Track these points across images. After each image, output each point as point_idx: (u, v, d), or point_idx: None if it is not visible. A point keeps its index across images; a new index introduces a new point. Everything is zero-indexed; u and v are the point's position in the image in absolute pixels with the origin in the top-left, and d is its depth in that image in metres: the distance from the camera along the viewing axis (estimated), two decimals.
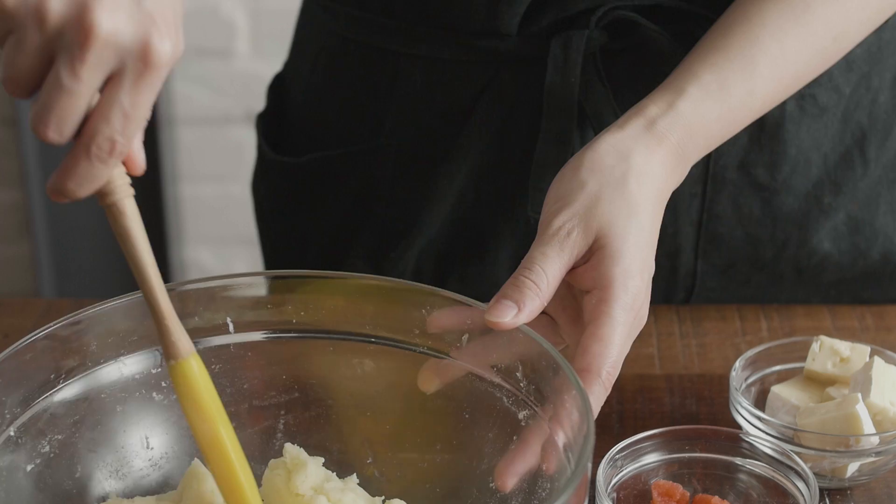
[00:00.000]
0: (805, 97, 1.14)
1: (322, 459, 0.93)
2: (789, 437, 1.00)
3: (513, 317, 0.90)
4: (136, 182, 0.87)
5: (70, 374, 0.93)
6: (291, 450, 0.92)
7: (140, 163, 0.81)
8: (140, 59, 0.76)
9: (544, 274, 0.91)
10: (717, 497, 0.96)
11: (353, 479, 0.94)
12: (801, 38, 1.02)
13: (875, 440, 0.99)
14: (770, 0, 1.01)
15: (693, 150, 0.99)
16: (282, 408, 0.98)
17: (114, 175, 0.80)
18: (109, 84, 0.76)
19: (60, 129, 0.76)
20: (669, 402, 1.10)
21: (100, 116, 0.76)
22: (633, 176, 0.94)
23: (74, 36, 0.74)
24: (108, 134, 0.76)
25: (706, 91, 0.99)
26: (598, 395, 0.88)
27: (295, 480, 0.90)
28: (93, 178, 0.78)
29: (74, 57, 0.74)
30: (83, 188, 0.78)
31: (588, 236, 0.92)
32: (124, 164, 0.80)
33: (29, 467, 0.90)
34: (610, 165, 0.95)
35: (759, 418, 1.01)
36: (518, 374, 0.92)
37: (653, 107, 0.98)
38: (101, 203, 0.81)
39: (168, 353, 0.84)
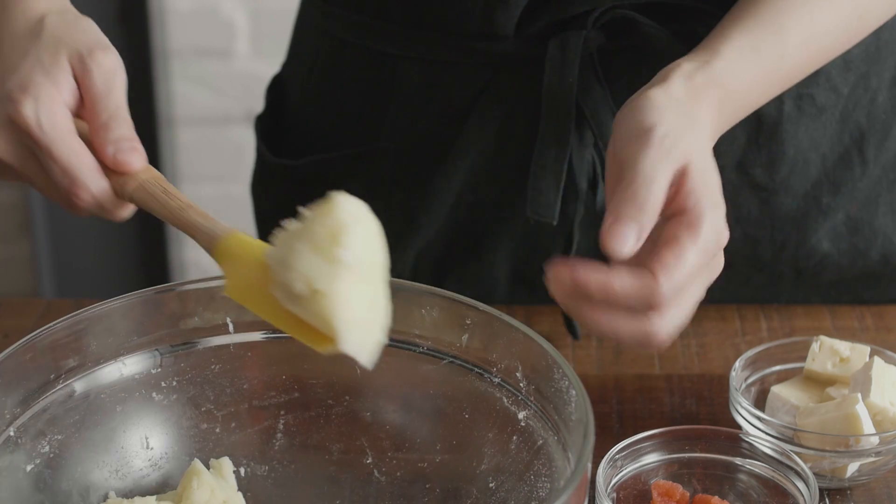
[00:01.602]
0: (803, 97, 1.14)
1: None
2: (789, 437, 1.00)
3: (630, 248, 0.86)
4: None
5: (70, 374, 0.93)
6: None
7: (127, 165, 0.93)
8: (24, 134, 0.91)
9: (660, 194, 0.88)
10: (717, 497, 0.96)
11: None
12: (829, 10, 1.02)
13: (875, 440, 0.99)
14: None
15: (729, 111, 0.97)
16: (282, 408, 0.98)
17: (116, 183, 0.92)
18: None
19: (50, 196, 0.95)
20: (669, 402, 1.10)
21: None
22: (698, 118, 0.93)
23: None
24: (65, 194, 0.92)
25: (740, 52, 0.98)
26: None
27: None
28: (100, 207, 0.93)
29: None
30: (100, 212, 0.94)
31: (681, 159, 0.90)
32: (118, 172, 0.93)
33: (29, 467, 0.90)
34: (677, 104, 0.93)
35: (759, 418, 1.01)
36: (518, 374, 0.92)
37: (687, 64, 0.96)
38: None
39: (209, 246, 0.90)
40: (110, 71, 0.94)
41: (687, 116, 0.92)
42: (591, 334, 0.86)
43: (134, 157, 0.93)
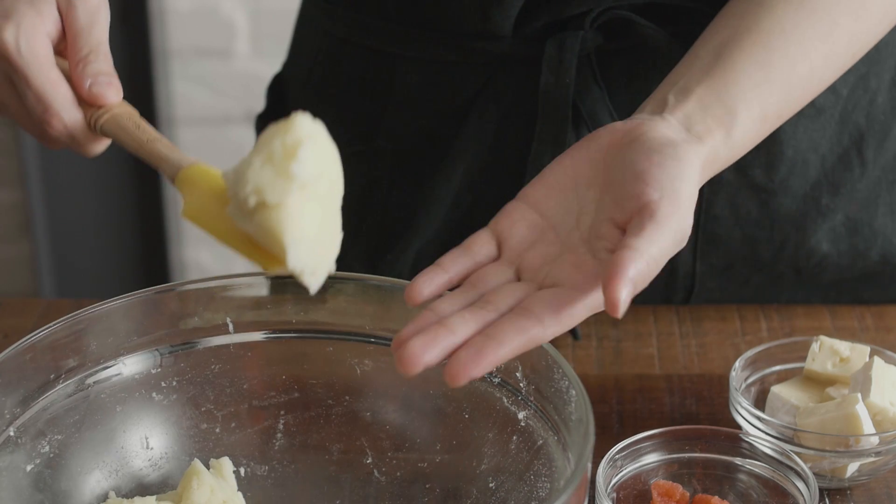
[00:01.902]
0: None
1: None
2: (789, 437, 1.00)
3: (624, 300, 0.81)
4: (138, 182, 0.89)
5: (70, 374, 0.93)
6: None
7: (102, 98, 0.94)
8: (3, 59, 0.93)
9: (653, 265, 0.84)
10: (717, 497, 0.96)
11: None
12: (828, 58, 0.98)
13: (875, 440, 0.99)
14: (802, 11, 0.97)
15: (716, 172, 0.95)
16: (282, 408, 0.98)
17: (91, 117, 0.94)
18: None
19: (24, 126, 0.97)
20: (669, 402, 1.10)
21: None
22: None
23: None
24: (38, 121, 0.94)
25: (752, 118, 0.94)
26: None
27: None
28: (71, 138, 0.95)
29: None
30: (72, 143, 0.96)
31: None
32: (93, 105, 0.94)
33: (29, 467, 0.90)
34: (699, 174, 0.90)
35: (758, 418, 1.01)
36: (518, 374, 0.92)
37: (718, 131, 0.92)
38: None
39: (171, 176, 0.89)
40: (94, 7, 0.95)
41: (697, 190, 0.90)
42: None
43: (110, 90, 0.94)
